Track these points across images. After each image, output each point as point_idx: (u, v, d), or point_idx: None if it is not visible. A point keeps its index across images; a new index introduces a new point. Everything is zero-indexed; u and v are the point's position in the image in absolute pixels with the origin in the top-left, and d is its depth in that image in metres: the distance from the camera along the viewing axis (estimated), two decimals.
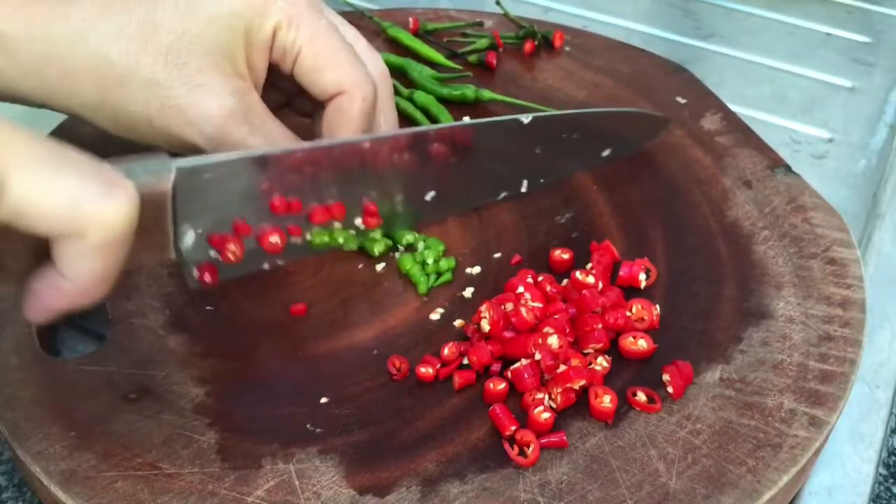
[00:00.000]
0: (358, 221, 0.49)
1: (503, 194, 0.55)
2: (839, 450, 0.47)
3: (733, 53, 0.78)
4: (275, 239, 0.45)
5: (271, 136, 0.48)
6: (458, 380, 0.44)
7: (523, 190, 0.55)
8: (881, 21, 0.82)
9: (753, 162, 0.58)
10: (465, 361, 0.45)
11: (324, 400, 0.44)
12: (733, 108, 0.63)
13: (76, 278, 0.34)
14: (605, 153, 0.57)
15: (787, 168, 0.57)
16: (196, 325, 0.47)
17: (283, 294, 0.49)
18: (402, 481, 0.40)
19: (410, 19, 0.70)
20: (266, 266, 0.47)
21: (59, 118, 0.61)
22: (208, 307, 0.48)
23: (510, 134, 0.53)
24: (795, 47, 0.78)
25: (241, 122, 0.47)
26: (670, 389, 0.44)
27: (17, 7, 0.46)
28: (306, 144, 0.47)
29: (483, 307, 0.46)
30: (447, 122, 0.60)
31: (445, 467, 0.41)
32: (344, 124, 0.49)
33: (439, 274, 0.50)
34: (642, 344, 0.45)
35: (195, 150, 0.47)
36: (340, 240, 0.48)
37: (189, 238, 0.43)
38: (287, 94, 0.54)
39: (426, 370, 0.44)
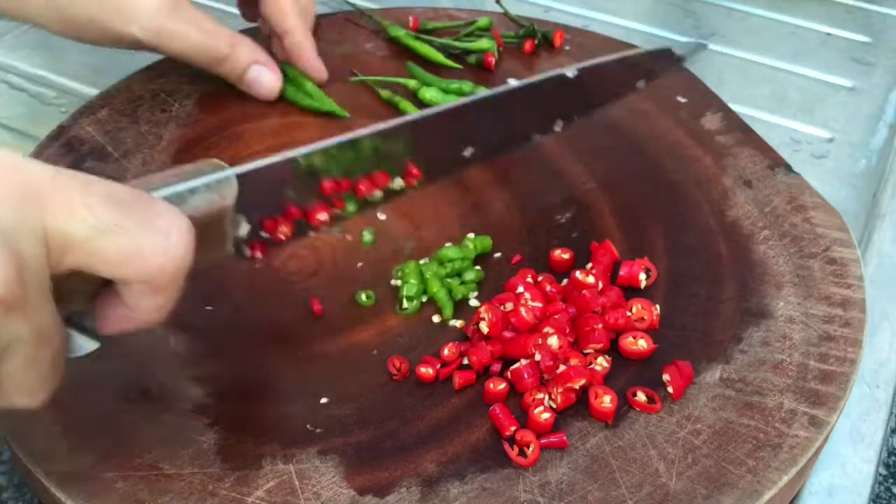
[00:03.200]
0: (399, 183, 0.49)
1: (537, 138, 0.54)
2: (839, 450, 0.47)
3: (733, 53, 0.78)
4: (323, 216, 0.47)
5: (208, 29, 0.58)
6: (458, 380, 0.44)
7: (557, 129, 0.54)
8: (881, 21, 0.82)
9: (753, 161, 0.58)
10: (465, 361, 0.45)
11: (324, 400, 0.44)
12: (733, 107, 0.63)
13: (141, 311, 0.37)
14: (640, 84, 0.57)
15: (788, 168, 0.57)
16: (196, 325, 0.47)
17: (282, 294, 0.49)
18: (402, 481, 0.40)
19: (410, 18, 0.70)
20: (311, 234, 0.48)
21: (59, 118, 0.61)
22: (208, 307, 0.48)
23: (552, 87, 0.53)
24: (795, 47, 0.78)
25: (175, 12, 0.56)
26: (670, 389, 0.44)
27: None
28: (351, 134, 0.47)
29: (482, 309, 0.46)
30: None
31: (445, 467, 0.41)
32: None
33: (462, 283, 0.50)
34: (642, 344, 0.45)
35: (136, 44, 0.57)
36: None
37: (244, 229, 0.44)
38: None
39: (426, 370, 0.44)
